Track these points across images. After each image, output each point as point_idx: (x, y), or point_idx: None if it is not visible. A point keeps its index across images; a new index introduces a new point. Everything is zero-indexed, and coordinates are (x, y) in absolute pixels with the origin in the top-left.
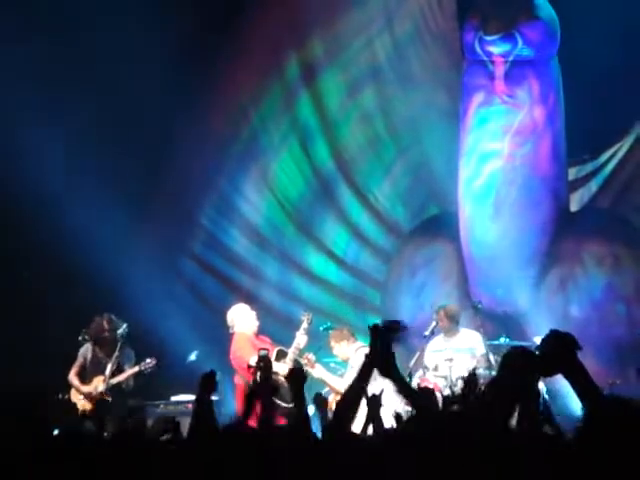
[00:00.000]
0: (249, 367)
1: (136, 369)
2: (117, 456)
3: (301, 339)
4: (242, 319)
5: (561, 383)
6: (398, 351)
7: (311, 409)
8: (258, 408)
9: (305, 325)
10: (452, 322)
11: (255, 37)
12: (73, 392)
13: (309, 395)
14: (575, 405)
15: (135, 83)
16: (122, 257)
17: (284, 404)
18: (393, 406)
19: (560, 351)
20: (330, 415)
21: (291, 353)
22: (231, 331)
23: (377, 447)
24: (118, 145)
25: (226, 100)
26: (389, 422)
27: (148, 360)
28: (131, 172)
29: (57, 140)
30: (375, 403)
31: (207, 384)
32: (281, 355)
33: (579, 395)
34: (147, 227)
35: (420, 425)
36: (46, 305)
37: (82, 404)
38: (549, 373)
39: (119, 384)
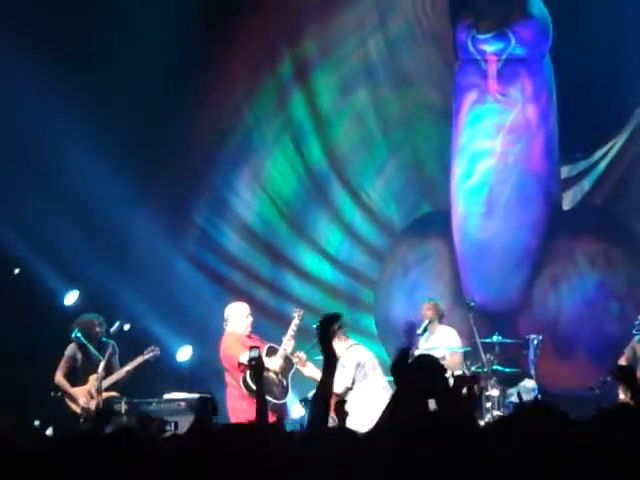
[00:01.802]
0: (239, 365)
1: (140, 359)
2: (116, 456)
3: (291, 336)
4: (237, 319)
5: None
6: (390, 350)
7: (301, 410)
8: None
9: (296, 321)
10: (437, 316)
11: (249, 35)
12: (68, 393)
13: (298, 392)
14: None
15: (126, 81)
16: (114, 255)
17: (274, 400)
18: (383, 403)
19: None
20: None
21: (282, 350)
22: (224, 326)
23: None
24: (111, 142)
25: (219, 98)
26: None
27: (150, 348)
28: (123, 170)
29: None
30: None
31: (206, 409)
32: (272, 352)
33: None
34: (139, 225)
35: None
36: (37, 305)
37: (84, 401)
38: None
39: (119, 379)
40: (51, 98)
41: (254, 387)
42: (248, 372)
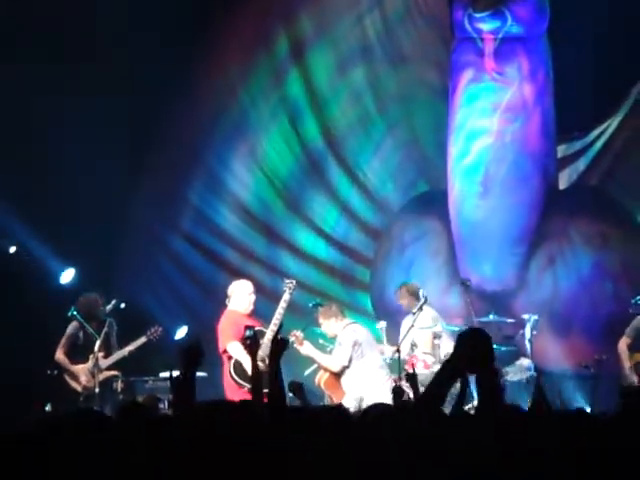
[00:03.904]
0: (224, 352)
1: (144, 339)
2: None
3: (280, 315)
4: (240, 297)
5: None
6: (388, 328)
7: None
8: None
9: (286, 297)
10: (413, 298)
11: (244, 14)
12: (69, 371)
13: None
14: None
15: (122, 61)
16: (109, 234)
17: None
18: (379, 382)
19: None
20: (308, 400)
21: (269, 332)
22: (227, 302)
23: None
24: (107, 121)
25: (214, 76)
26: (377, 397)
27: (153, 328)
28: (119, 148)
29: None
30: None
31: (192, 357)
32: (259, 335)
33: None
34: (135, 204)
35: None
36: (33, 283)
37: (85, 380)
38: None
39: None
40: (46, 78)
41: (240, 381)
42: (232, 365)
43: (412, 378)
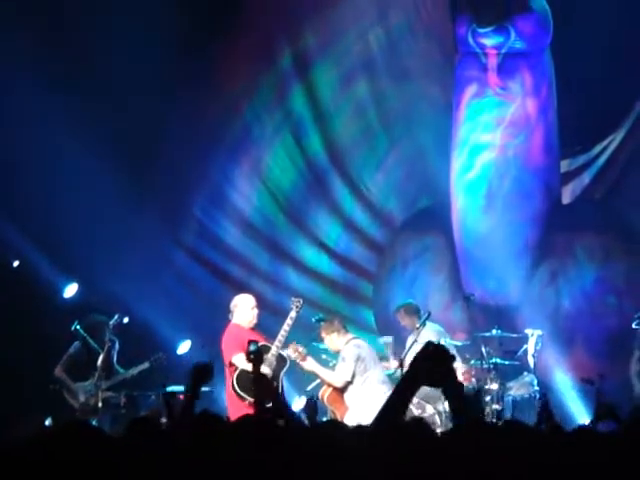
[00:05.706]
0: (230, 364)
1: (146, 365)
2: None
3: (286, 332)
4: (243, 310)
5: None
6: (393, 343)
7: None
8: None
9: (293, 314)
10: (415, 317)
11: (249, 29)
12: (69, 388)
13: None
14: None
15: (127, 74)
16: (113, 248)
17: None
18: (382, 397)
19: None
20: (318, 420)
21: (274, 347)
22: (230, 317)
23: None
24: (110, 136)
25: (219, 91)
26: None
27: (157, 355)
28: (123, 162)
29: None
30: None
31: (202, 375)
32: (264, 350)
33: None
34: (139, 218)
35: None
36: (36, 297)
37: (83, 398)
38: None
39: (125, 379)
40: (46, 91)
41: (242, 394)
42: (235, 377)
43: None
